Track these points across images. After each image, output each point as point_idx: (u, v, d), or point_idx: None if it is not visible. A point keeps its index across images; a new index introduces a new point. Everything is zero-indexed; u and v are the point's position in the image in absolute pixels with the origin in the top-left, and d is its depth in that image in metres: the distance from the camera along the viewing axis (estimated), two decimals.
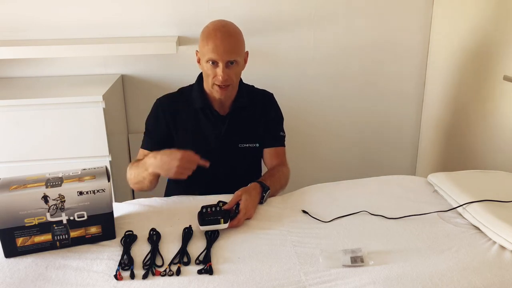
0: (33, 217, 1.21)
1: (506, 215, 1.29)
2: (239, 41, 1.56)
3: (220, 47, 1.50)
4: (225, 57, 1.50)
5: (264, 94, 1.76)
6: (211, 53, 1.50)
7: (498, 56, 1.90)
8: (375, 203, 1.47)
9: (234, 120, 1.66)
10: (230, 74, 1.54)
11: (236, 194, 1.45)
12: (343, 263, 1.17)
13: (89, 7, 2.21)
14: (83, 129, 2.00)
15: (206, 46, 1.52)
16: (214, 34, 1.51)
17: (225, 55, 1.50)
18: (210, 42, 1.50)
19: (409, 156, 2.69)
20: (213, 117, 1.65)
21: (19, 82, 2.23)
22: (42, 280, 1.13)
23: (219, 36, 1.50)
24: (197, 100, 1.64)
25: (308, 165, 2.61)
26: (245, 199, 1.42)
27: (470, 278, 1.11)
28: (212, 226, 1.33)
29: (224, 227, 1.33)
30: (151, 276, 1.14)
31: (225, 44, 1.50)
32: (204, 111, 1.64)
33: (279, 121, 1.76)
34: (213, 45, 1.50)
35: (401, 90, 2.54)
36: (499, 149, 1.93)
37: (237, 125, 1.66)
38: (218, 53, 1.50)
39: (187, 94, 1.68)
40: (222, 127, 1.65)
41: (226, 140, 1.66)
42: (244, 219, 1.40)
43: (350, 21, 2.38)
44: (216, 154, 1.64)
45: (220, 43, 1.50)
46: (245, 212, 1.40)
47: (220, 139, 1.65)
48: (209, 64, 1.53)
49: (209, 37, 1.51)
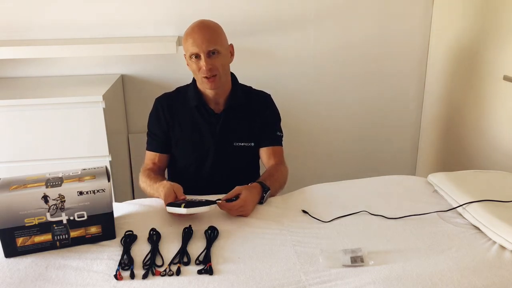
0: (33, 217, 1.22)
1: (506, 215, 1.29)
2: (217, 32, 1.61)
3: (198, 39, 1.56)
4: (204, 47, 1.55)
5: (261, 94, 1.78)
6: (191, 47, 1.57)
7: (498, 56, 1.90)
8: (375, 203, 1.47)
9: (228, 118, 1.68)
10: (213, 63, 1.57)
11: (236, 189, 1.46)
12: (343, 263, 1.17)
13: (89, 7, 2.21)
14: (83, 129, 2.00)
15: (186, 43, 1.59)
16: (191, 30, 1.59)
17: (203, 45, 1.55)
18: (189, 37, 1.58)
19: (409, 156, 2.69)
20: (207, 115, 1.68)
21: (19, 82, 2.23)
22: (42, 280, 1.13)
23: (196, 30, 1.58)
24: (192, 98, 1.68)
25: (308, 165, 2.61)
26: (245, 194, 1.43)
27: (470, 278, 1.11)
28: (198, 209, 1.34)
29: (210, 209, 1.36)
30: (151, 276, 1.15)
31: (202, 35, 1.56)
32: (199, 109, 1.67)
33: (275, 121, 1.76)
34: (191, 40, 1.57)
35: (401, 89, 2.54)
36: (499, 149, 1.93)
37: (232, 123, 1.68)
38: (197, 45, 1.56)
39: (184, 93, 1.72)
40: (217, 125, 1.67)
41: (221, 138, 1.68)
42: (240, 210, 1.40)
43: (350, 21, 2.38)
44: (213, 152, 1.67)
45: (197, 36, 1.57)
46: (242, 204, 1.40)
47: (215, 137, 1.67)
48: (193, 60, 1.59)
49: (188, 34, 1.59)
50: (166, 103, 1.70)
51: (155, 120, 1.71)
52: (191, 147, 1.70)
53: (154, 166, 1.71)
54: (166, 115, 1.69)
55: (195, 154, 1.70)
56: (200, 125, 1.68)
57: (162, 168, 1.74)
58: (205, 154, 1.69)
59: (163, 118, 1.69)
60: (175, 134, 1.69)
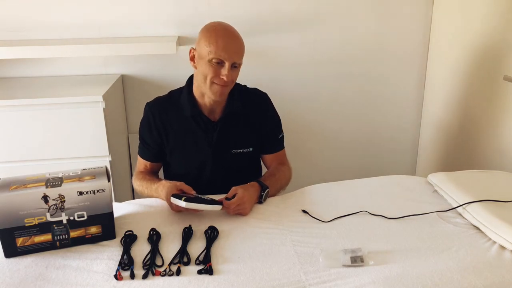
0: (33, 217, 1.21)
1: (506, 215, 1.29)
2: (244, 45, 1.53)
3: (232, 47, 1.47)
4: (234, 58, 1.47)
5: (258, 95, 1.70)
6: (220, 51, 1.45)
7: (498, 56, 1.90)
8: (375, 203, 1.47)
9: (225, 126, 1.61)
10: (233, 76, 1.51)
11: (233, 189, 1.46)
12: (343, 263, 1.17)
13: (89, 7, 2.21)
14: (83, 129, 2.00)
15: (212, 44, 1.46)
16: (223, 34, 1.47)
17: (234, 55, 1.47)
18: (220, 41, 1.45)
19: (409, 156, 2.69)
20: (203, 124, 1.60)
21: (19, 82, 2.23)
22: (42, 280, 1.13)
23: (228, 35, 1.48)
24: (186, 107, 1.59)
25: (308, 165, 2.61)
26: (241, 192, 1.43)
27: (470, 278, 1.11)
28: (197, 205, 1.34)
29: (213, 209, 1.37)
30: (151, 276, 1.15)
31: (235, 45, 1.48)
32: (195, 118, 1.60)
33: (277, 123, 1.71)
34: (223, 44, 1.45)
35: (401, 90, 2.54)
36: (499, 149, 1.93)
37: (229, 131, 1.62)
38: (228, 53, 1.46)
39: (177, 98, 1.63)
40: (213, 133, 1.60)
41: (219, 147, 1.62)
42: (237, 209, 1.40)
43: (350, 22, 2.38)
44: (211, 161, 1.63)
45: (231, 43, 1.47)
46: (239, 203, 1.40)
47: (212, 146, 1.61)
48: (211, 63, 1.47)
49: (217, 36, 1.46)
50: (158, 111, 1.61)
51: (146, 130, 1.63)
52: (187, 156, 1.63)
53: (147, 170, 1.69)
54: (158, 124, 1.60)
55: (192, 164, 1.64)
56: (196, 134, 1.60)
57: (156, 172, 1.73)
58: (203, 163, 1.63)
59: (154, 128, 1.61)
60: (169, 144, 1.62)
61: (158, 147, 1.65)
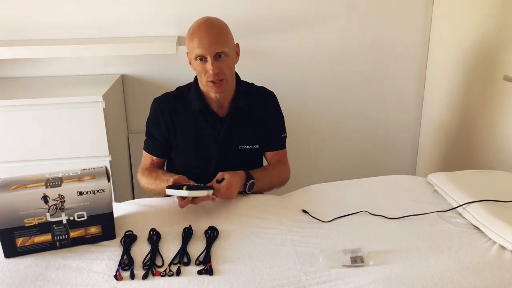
0: (33, 217, 1.21)
1: (506, 215, 1.29)
2: (224, 32, 1.52)
3: (205, 40, 1.46)
4: (212, 50, 1.47)
5: (265, 93, 1.71)
6: (197, 48, 1.47)
7: (498, 56, 1.90)
8: (375, 203, 1.47)
9: (233, 121, 1.62)
10: (221, 67, 1.49)
11: (219, 174, 1.48)
12: (343, 263, 1.17)
13: (89, 7, 2.21)
14: (83, 129, 2.00)
15: (191, 43, 1.49)
16: (197, 29, 1.49)
17: (211, 47, 1.46)
18: (195, 37, 1.48)
19: (409, 156, 2.69)
20: (211, 119, 1.61)
21: (19, 82, 2.23)
22: (42, 280, 1.13)
23: (203, 29, 1.48)
24: (195, 102, 1.60)
25: (308, 165, 2.61)
26: (229, 177, 1.46)
27: (470, 278, 1.11)
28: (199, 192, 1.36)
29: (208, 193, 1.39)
30: (151, 276, 1.14)
31: (209, 36, 1.47)
32: (203, 113, 1.60)
33: (280, 122, 1.73)
34: (197, 40, 1.47)
35: (401, 90, 2.54)
36: (499, 149, 1.93)
37: (236, 126, 1.63)
38: (204, 47, 1.46)
39: (185, 94, 1.64)
40: (221, 129, 1.61)
41: (226, 142, 1.63)
42: (226, 193, 1.44)
43: (350, 22, 2.38)
44: (216, 156, 1.63)
45: (204, 36, 1.47)
46: (228, 186, 1.43)
47: (220, 142, 1.62)
48: (198, 61, 1.50)
49: (193, 33, 1.49)
50: (166, 106, 1.62)
51: (154, 124, 1.64)
52: (193, 152, 1.65)
53: (153, 165, 1.69)
54: (167, 119, 1.61)
55: (197, 160, 1.65)
56: (203, 130, 1.61)
57: (161, 167, 1.73)
58: (207, 159, 1.64)
59: (163, 123, 1.61)
60: (176, 138, 1.64)
61: (165, 142, 1.65)
